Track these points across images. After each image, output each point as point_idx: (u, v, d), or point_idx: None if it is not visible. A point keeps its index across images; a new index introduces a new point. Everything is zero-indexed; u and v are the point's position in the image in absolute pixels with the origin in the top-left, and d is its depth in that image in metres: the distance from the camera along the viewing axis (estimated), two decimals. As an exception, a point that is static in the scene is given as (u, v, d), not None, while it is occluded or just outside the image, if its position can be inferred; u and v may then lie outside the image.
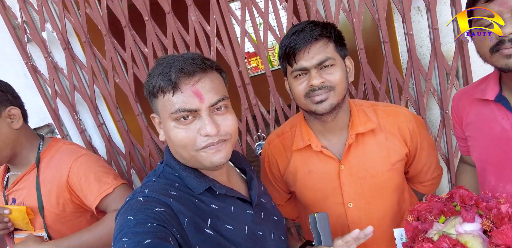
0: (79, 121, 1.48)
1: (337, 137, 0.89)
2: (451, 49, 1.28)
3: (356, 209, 0.89)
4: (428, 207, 0.65)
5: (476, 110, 0.82)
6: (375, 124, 0.87)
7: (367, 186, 0.88)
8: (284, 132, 0.97)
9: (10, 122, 0.96)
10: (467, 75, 1.26)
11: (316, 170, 0.90)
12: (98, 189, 0.97)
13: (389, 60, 1.28)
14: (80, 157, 1.01)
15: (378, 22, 1.25)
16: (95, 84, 1.42)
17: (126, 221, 0.55)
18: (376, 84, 1.33)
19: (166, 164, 0.69)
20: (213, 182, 0.67)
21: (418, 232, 0.62)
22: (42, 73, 1.42)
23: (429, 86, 1.30)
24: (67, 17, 1.34)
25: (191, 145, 0.62)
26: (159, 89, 0.61)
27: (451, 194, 0.65)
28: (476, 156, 0.85)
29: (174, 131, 0.62)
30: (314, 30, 0.78)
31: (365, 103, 0.93)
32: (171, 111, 0.60)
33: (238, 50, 1.35)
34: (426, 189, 1.03)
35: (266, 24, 1.30)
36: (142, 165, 1.57)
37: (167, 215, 0.57)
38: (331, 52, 0.80)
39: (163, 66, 0.61)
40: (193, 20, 1.30)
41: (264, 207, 0.78)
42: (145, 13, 1.30)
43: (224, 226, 0.64)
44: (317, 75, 0.78)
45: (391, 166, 0.88)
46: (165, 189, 0.62)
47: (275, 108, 1.42)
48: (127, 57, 1.37)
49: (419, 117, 0.95)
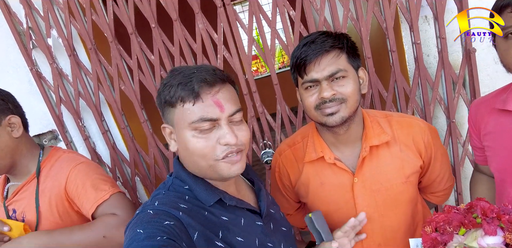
0: (84, 128, 1.47)
1: (351, 149, 0.88)
2: (458, 58, 1.28)
3: (369, 222, 0.88)
4: (446, 218, 0.63)
5: (495, 121, 0.81)
6: (389, 136, 0.86)
7: (381, 199, 0.87)
8: (296, 142, 0.96)
9: (10, 131, 0.95)
10: (474, 85, 1.26)
11: (329, 182, 0.89)
12: (94, 197, 0.95)
13: (396, 69, 1.28)
14: (78, 165, 1.00)
15: (386, 31, 1.25)
16: (100, 91, 1.41)
17: (135, 234, 0.54)
18: (383, 93, 1.33)
19: (175, 177, 0.69)
20: (223, 194, 0.67)
21: (436, 243, 0.61)
22: (47, 80, 1.41)
23: (436, 95, 1.30)
24: (73, 23, 1.33)
25: (211, 154, 0.62)
26: (179, 98, 0.61)
27: (470, 205, 0.64)
28: (495, 167, 0.84)
29: (193, 140, 0.62)
30: (325, 42, 0.77)
31: (378, 114, 0.92)
32: (192, 121, 0.61)
33: (244, 58, 1.35)
34: (438, 199, 1.02)
35: (273, 32, 1.30)
36: (147, 172, 1.55)
37: (176, 229, 0.56)
38: (343, 63, 0.79)
39: (182, 77, 0.62)
40: (200, 28, 1.30)
41: (273, 217, 0.77)
42: (152, 21, 1.30)
43: (235, 238, 0.64)
44: (328, 87, 0.77)
45: (406, 179, 0.87)
46: (175, 202, 0.62)
47: (281, 115, 1.41)
48: (133, 64, 1.36)
49: (433, 128, 0.94)
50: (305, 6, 1.25)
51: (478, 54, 1.24)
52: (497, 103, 0.80)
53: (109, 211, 0.95)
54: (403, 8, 1.22)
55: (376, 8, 1.23)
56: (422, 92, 1.31)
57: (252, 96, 1.39)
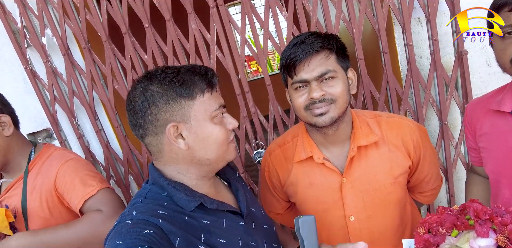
0: (78, 126, 1.48)
1: (339, 149, 0.88)
2: (450, 60, 1.28)
3: (357, 222, 0.88)
4: (439, 219, 0.63)
5: (491, 122, 0.81)
6: (377, 136, 0.86)
7: (369, 199, 0.87)
8: (286, 142, 0.96)
9: (0, 130, 0.96)
10: (466, 87, 1.26)
11: (318, 182, 0.89)
12: (82, 192, 0.96)
13: (388, 70, 1.28)
14: (68, 161, 1.01)
15: (378, 32, 1.25)
16: (94, 90, 1.42)
17: (115, 246, 0.54)
18: (375, 94, 1.33)
19: (152, 183, 0.67)
20: (203, 198, 0.66)
21: (429, 244, 0.61)
22: (41, 78, 1.42)
23: (428, 97, 1.30)
24: (67, 22, 1.34)
25: (226, 140, 0.69)
26: (199, 90, 0.65)
27: (463, 207, 0.63)
28: (490, 168, 0.83)
29: (215, 128, 0.66)
30: (315, 42, 0.77)
31: (367, 114, 0.92)
32: (213, 109, 0.66)
33: (237, 58, 1.35)
34: (426, 199, 1.03)
35: (266, 33, 1.31)
36: (140, 171, 1.56)
37: (157, 236, 0.56)
38: (333, 64, 0.79)
39: (192, 72, 0.66)
40: (193, 28, 1.30)
41: (254, 216, 0.77)
42: (145, 20, 1.30)
43: (218, 240, 0.64)
44: (317, 87, 0.77)
45: (394, 179, 0.87)
46: (154, 209, 0.61)
47: (274, 115, 1.41)
48: (127, 63, 1.37)
49: (422, 128, 0.94)
50: (297, 7, 1.25)
51: (470, 57, 1.24)
52: (492, 104, 0.80)
53: (95, 207, 0.95)
54: (395, 10, 1.22)
55: (369, 9, 1.23)
56: (414, 94, 1.31)
57: (245, 96, 1.40)
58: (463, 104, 1.30)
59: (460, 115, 1.34)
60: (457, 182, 1.45)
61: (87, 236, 0.90)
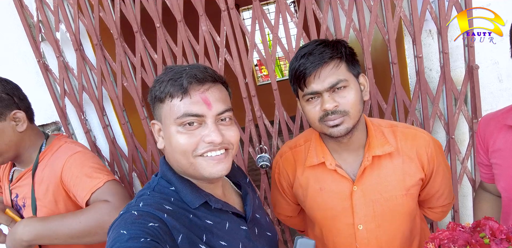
0: (85, 121, 1.50)
1: (353, 156, 0.87)
2: (461, 74, 1.27)
3: (365, 231, 0.87)
4: (451, 236, 0.60)
5: (505, 138, 0.78)
6: (393, 147, 0.85)
7: (380, 209, 0.86)
8: (298, 145, 0.96)
9: (14, 125, 0.97)
10: (475, 101, 1.24)
11: (328, 189, 0.88)
12: (89, 184, 0.96)
13: (396, 81, 1.28)
14: (75, 154, 1.01)
15: (388, 43, 1.25)
16: (103, 86, 1.44)
17: (119, 235, 0.54)
18: (382, 105, 1.32)
19: (161, 177, 0.68)
20: (209, 196, 0.66)
21: None
22: (53, 72, 1.45)
23: (436, 110, 1.28)
24: (81, 19, 1.37)
25: (191, 151, 0.62)
26: (167, 93, 0.61)
27: (477, 224, 0.61)
28: (503, 186, 0.81)
29: (177, 136, 0.62)
30: (324, 52, 0.76)
31: (383, 123, 0.91)
32: (177, 116, 0.61)
33: (246, 62, 1.36)
34: (435, 216, 1.00)
35: (275, 38, 1.31)
36: (144, 168, 1.57)
37: (161, 231, 0.56)
38: (343, 73, 0.77)
39: (173, 73, 0.62)
40: (204, 30, 1.32)
41: (259, 222, 0.77)
42: (157, 20, 1.33)
43: (218, 242, 0.63)
44: (330, 99, 0.76)
45: (406, 191, 0.85)
46: (160, 203, 0.61)
47: (279, 121, 1.41)
48: (137, 62, 1.39)
49: (437, 142, 0.92)
50: (307, 15, 1.26)
51: (481, 71, 1.23)
52: (508, 119, 0.77)
53: (102, 198, 0.95)
54: (406, 21, 1.22)
55: (379, 19, 1.23)
56: (422, 106, 1.29)
57: (251, 100, 1.40)
58: (471, 119, 1.28)
59: (468, 130, 1.32)
60: (462, 198, 1.42)
61: (94, 225, 0.90)
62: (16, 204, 1.06)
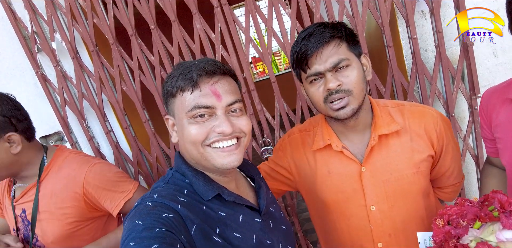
0: (88, 128, 1.51)
1: (360, 137, 0.87)
2: (456, 52, 1.28)
3: (378, 212, 0.86)
4: (460, 211, 0.60)
5: (507, 111, 0.77)
6: (399, 125, 0.84)
7: (391, 189, 0.85)
8: (307, 129, 0.96)
9: (8, 147, 0.95)
10: (472, 78, 1.25)
11: (336, 171, 0.88)
12: (118, 196, 1.03)
13: (393, 64, 1.28)
14: (94, 166, 1.03)
15: (382, 26, 1.25)
16: (103, 92, 1.45)
17: (134, 225, 0.55)
18: (381, 88, 1.33)
19: (175, 170, 0.69)
20: (222, 189, 0.67)
21: (450, 237, 0.58)
22: (51, 82, 1.45)
23: (434, 89, 1.29)
24: (75, 27, 1.37)
25: (201, 141, 0.63)
26: (178, 88, 0.63)
27: (485, 198, 0.61)
28: (506, 159, 0.80)
29: (188, 127, 0.63)
30: (324, 33, 0.76)
31: (389, 103, 0.90)
32: (188, 109, 0.62)
33: (242, 57, 1.37)
34: (446, 195, 1.00)
35: (270, 30, 1.32)
36: (150, 171, 1.59)
37: (175, 221, 0.57)
38: (345, 52, 0.77)
39: (184, 68, 0.64)
40: (198, 28, 1.32)
41: (273, 215, 0.77)
42: (151, 22, 1.33)
43: (233, 233, 0.64)
44: (332, 78, 0.76)
45: (417, 169, 0.85)
46: (174, 195, 0.63)
47: (280, 113, 1.43)
48: (134, 65, 1.40)
49: (446, 118, 0.91)
50: (300, 4, 1.26)
51: (476, 48, 1.23)
52: (509, 92, 0.76)
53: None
54: (398, 4, 1.22)
55: (372, 4, 1.23)
56: (420, 87, 1.30)
57: (251, 94, 1.41)
58: (470, 96, 1.29)
59: (467, 107, 1.33)
60: (467, 175, 1.44)
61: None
62: (24, 219, 1.05)
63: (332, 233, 0.96)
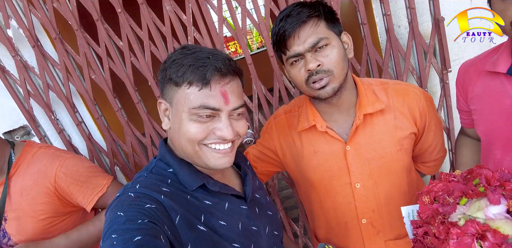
0: (56, 121, 1.43)
1: (345, 116, 0.87)
2: (428, 28, 1.29)
3: (363, 189, 0.88)
4: (446, 187, 0.59)
5: (484, 83, 0.79)
6: (384, 104, 0.85)
7: (376, 167, 0.87)
8: (292, 110, 0.96)
9: None
10: (444, 53, 1.28)
11: (322, 150, 0.89)
12: (91, 192, 1.01)
13: (368, 41, 1.28)
14: (66, 161, 1.01)
15: (356, 3, 1.24)
16: (70, 81, 1.37)
17: (116, 217, 0.54)
18: (356, 66, 1.34)
19: (159, 159, 0.68)
20: (207, 179, 0.67)
21: (437, 214, 0.57)
22: (11, 74, 1.35)
23: (408, 65, 1.31)
24: (33, 12, 1.26)
25: (198, 140, 0.62)
26: (186, 80, 0.59)
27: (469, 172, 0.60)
28: (482, 130, 0.82)
29: (188, 123, 0.61)
30: (301, 12, 0.75)
31: (374, 82, 0.91)
32: (193, 106, 0.60)
33: (216, 39, 1.32)
34: (428, 169, 1.03)
35: (243, 10, 1.27)
36: (126, 161, 1.54)
37: (158, 212, 0.56)
38: (323, 31, 0.76)
39: (194, 59, 0.60)
40: (168, 10, 1.26)
41: (259, 202, 0.78)
42: (117, 5, 1.25)
43: (218, 222, 0.64)
44: (312, 58, 0.75)
45: (400, 147, 0.86)
46: (157, 185, 0.61)
47: (258, 95, 1.41)
48: (102, 52, 1.32)
49: (429, 96, 0.92)
50: (274, -18, 1.22)
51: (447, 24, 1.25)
52: (486, 65, 0.78)
53: (108, 202, 1.01)
54: (373, -21, 1.21)
55: (346, -20, 1.22)
56: (394, 63, 1.32)
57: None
58: (441, 71, 1.32)
59: (439, 81, 1.37)
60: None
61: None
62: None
63: (319, 211, 0.98)
